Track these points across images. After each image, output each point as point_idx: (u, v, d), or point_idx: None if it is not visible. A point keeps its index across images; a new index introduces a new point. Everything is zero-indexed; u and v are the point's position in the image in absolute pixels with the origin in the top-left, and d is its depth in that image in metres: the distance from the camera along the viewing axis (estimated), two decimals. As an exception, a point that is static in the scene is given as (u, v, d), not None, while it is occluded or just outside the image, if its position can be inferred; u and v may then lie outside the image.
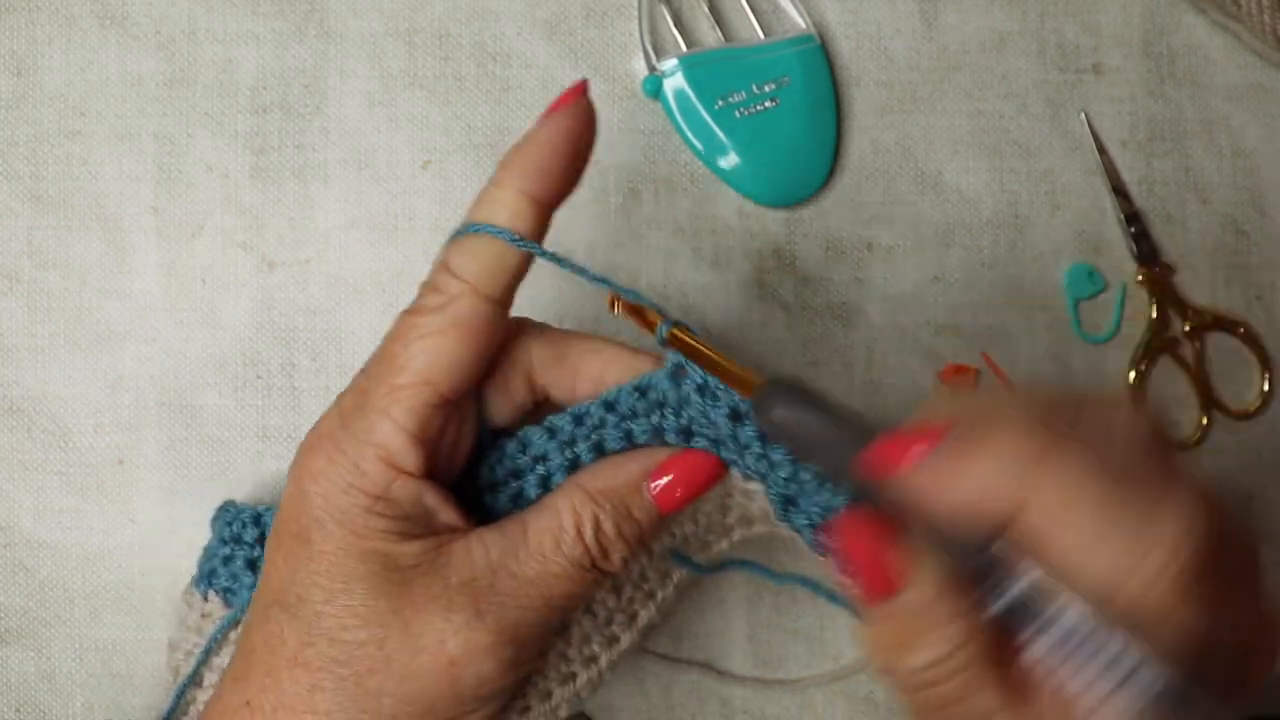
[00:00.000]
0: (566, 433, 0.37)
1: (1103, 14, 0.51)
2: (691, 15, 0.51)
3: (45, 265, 0.50)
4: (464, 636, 0.33)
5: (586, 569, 0.35)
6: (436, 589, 0.34)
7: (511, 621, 0.34)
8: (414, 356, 0.34)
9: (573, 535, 0.35)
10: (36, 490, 0.49)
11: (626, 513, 0.36)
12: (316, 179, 0.50)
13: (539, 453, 0.37)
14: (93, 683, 0.49)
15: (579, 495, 0.36)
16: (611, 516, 0.36)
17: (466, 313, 0.34)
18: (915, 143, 0.51)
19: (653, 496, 0.36)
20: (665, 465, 0.36)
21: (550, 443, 0.37)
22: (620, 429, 0.37)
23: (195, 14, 0.51)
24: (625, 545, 0.36)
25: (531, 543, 0.35)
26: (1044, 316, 0.50)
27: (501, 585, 0.34)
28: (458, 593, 0.34)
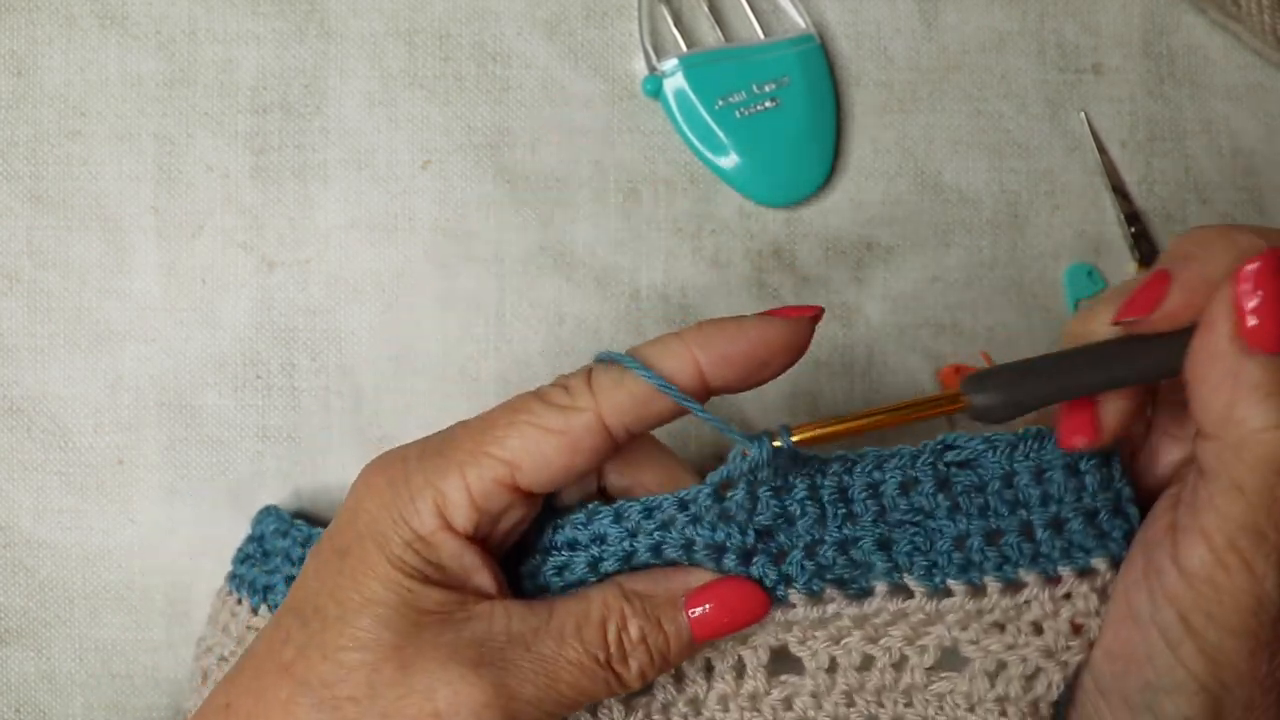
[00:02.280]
0: (633, 522, 0.36)
1: (1103, 14, 0.51)
2: (691, 15, 0.51)
3: (45, 265, 0.50)
4: (455, 689, 0.32)
5: (600, 665, 0.34)
6: (446, 639, 0.33)
7: (509, 689, 0.33)
8: (512, 436, 0.34)
9: (596, 625, 0.35)
10: (36, 490, 0.49)
11: (656, 622, 0.35)
12: (316, 179, 0.50)
13: (599, 533, 0.36)
14: (93, 683, 0.49)
15: (613, 590, 0.35)
16: (639, 619, 0.35)
17: (580, 430, 0.34)
18: (915, 143, 0.51)
19: (689, 618, 0.35)
20: (709, 588, 0.36)
21: (613, 527, 0.36)
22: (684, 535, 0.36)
23: (195, 14, 0.51)
24: (646, 655, 0.35)
25: (554, 622, 0.34)
26: (1044, 316, 0.50)
27: (511, 654, 0.33)
28: (465, 647, 0.33)
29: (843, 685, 0.37)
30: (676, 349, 0.35)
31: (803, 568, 0.36)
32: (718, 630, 0.36)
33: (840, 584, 0.36)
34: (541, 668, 0.34)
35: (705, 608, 0.35)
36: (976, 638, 0.36)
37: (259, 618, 0.43)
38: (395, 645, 0.33)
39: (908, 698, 0.36)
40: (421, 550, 0.34)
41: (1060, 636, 0.35)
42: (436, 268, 0.50)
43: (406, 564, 0.33)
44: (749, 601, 0.36)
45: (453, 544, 0.34)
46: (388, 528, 0.34)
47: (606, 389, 0.34)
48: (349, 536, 0.34)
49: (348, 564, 0.34)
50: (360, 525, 0.34)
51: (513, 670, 0.33)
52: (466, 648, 0.33)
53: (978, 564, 0.35)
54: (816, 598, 0.36)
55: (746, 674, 0.37)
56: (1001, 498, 0.36)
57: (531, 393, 0.35)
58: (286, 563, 0.43)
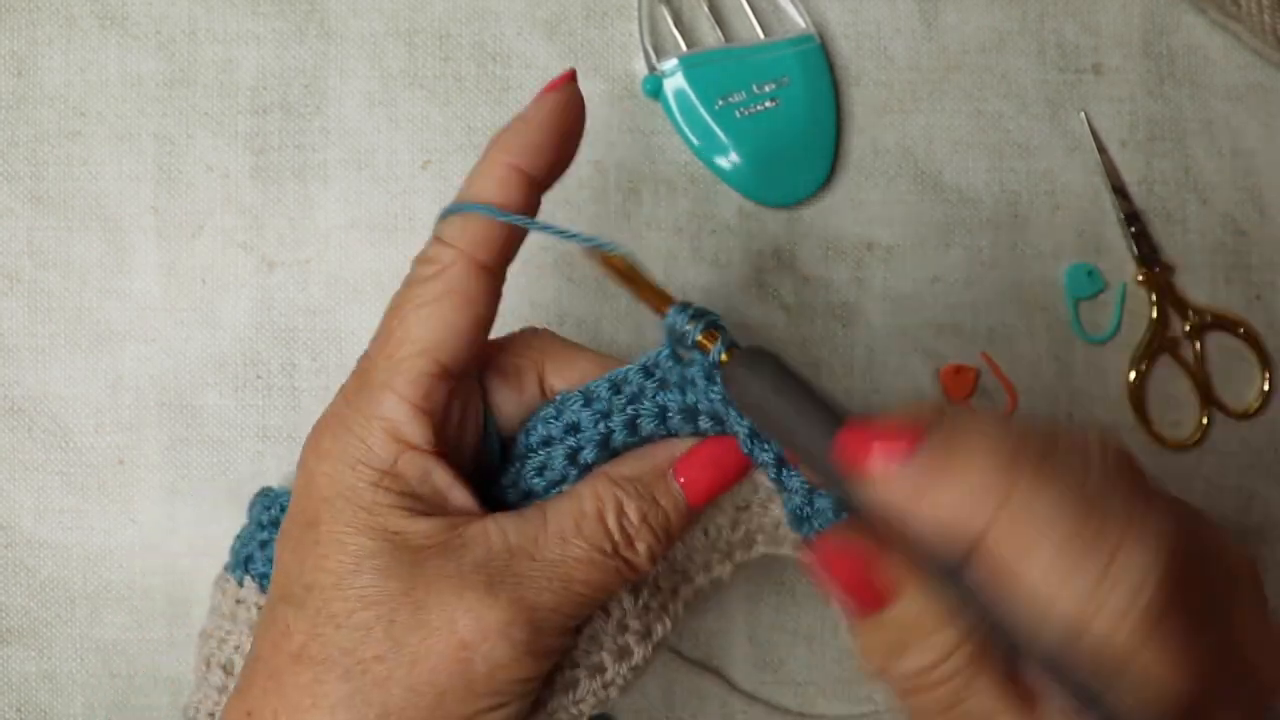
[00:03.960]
0: (604, 401, 0.36)
1: (1103, 14, 0.51)
2: (691, 15, 0.51)
3: (45, 265, 0.50)
4: (475, 614, 0.32)
5: (608, 554, 0.34)
6: (450, 569, 0.33)
7: (528, 602, 0.33)
8: (411, 328, 0.34)
9: (594, 517, 0.34)
10: (37, 490, 0.49)
11: (651, 499, 0.35)
12: (316, 179, 0.50)
13: (572, 421, 0.36)
14: (93, 683, 0.49)
15: (601, 480, 0.35)
16: (635, 501, 0.35)
17: (460, 279, 0.34)
18: (915, 143, 0.51)
19: (680, 485, 0.36)
20: (694, 453, 0.36)
21: (585, 410, 0.36)
22: (656, 402, 0.36)
23: (195, 14, 0.51)
24: (651, 534, 0.35)
25: (551, 526, 0.34)
26: (1044, 316, 0.50)
27: (518, 567, 0.33)
28: (471, 572, 0.33)
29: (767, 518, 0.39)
30: (488, 169, 0.36)
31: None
32: (713, 490, 0.36)
33: None
34: (553, 572, 0.33)
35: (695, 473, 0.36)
36: None
37: (244, 589, 0.43)
38: (403, 590, 0.32)
39: None
40: (391, 485, 0.33)
41: None
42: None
43: (382, 505, 0.33)
44: (733, 456, 0.36)
45: (417, 462, 0.34)
46: (349, 478, 0.33)
47: (457, 234, 0.35)
48: (313, 505, 0.34)
49: (322, 531, 0.33)
50: (321, 490, 0.34)
51: (526, 583, 0.33)
52: (473, 572, 0.33)
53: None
54: None
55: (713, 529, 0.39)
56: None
57: (403, 284, 0.35)
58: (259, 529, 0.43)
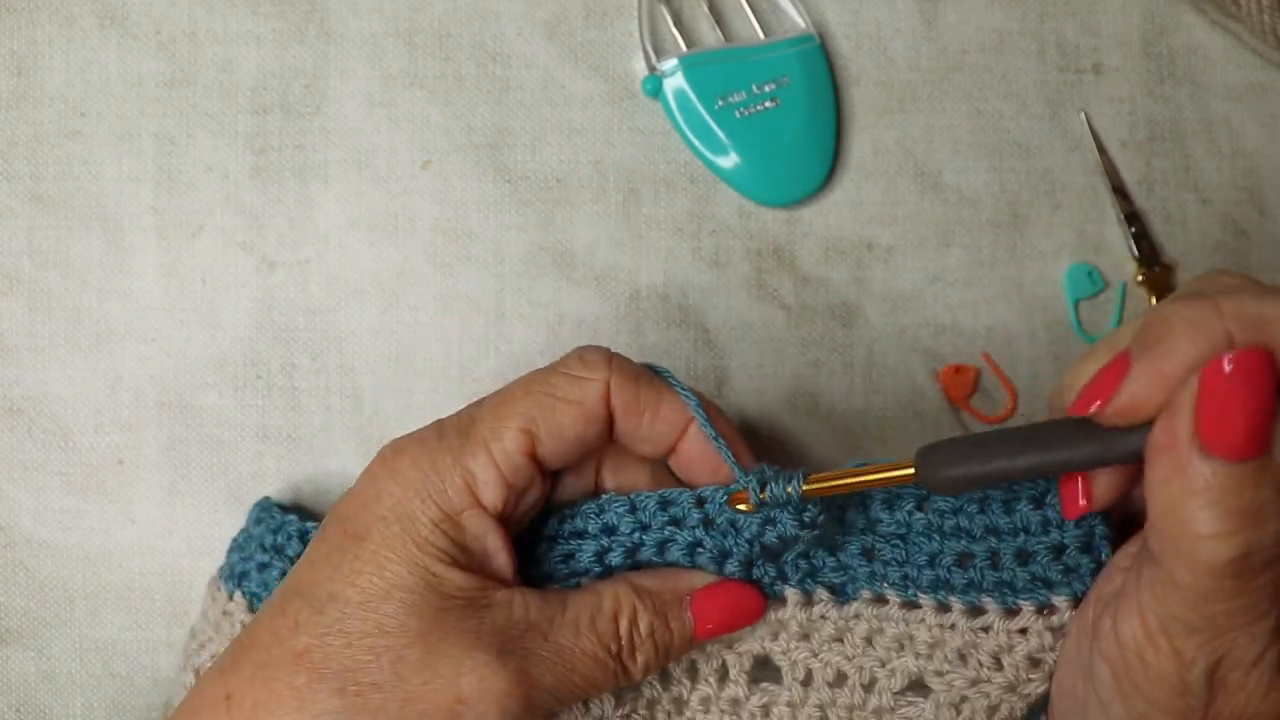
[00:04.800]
0: (648, 513, 0.37)
1: (1103, 14, 0.51)
2: (691, 15, 0.51)
3: (45, 265, 0.50)
4: (480, 676, 0.33)
5: (611, 657, 0.35)
6: (470, 624, 0.33)
7: (531, 679, 0.34)
8: (532, 408, 0.35)
9: (609, 617, 0.36)
10: (36, 490, 0.49)
11: (664, 618, 0.36)
12: (316, 179, 0.50)
13: (610, 523, 0.37)
14: (93, 683, 0.49)
15: (624, 586, 0.36)
16: (648, 615, 0.36)
17: (594, 400, 0.35)
18: (915, 143, 0.51)
19: (693, 616, 0.37)
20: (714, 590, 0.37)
21: (627, 517, 0.37)
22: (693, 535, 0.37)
23: (195, 14, 0.51)
24: (654, 650, 0.36)
25: (569, 613, 0.35)
26: (1044, 316, 0.50)
27: (530, 643, 0.34)
28: (488, 634, 0.33)
29: (816, 699, 0.38)
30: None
31: (796, 566, 0.38)
32: (719, 630, 0.37)
33: (830, 588, 0.38)
34: (559, 657, 0.34)
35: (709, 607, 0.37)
36: (941, 669, 0.37)
37: (233, 603, 0.43)
38: (420, 631, 0.33)
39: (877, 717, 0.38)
40: (449, 531, 0.34)
41: (1019, 670, 0.36)
42: (436, 268, 0.50)
43: (433, 546, 0.34)
44: (749, 605, 0.37)
45: (480, 523, 0.34)
46: (416, 509, 0.34)
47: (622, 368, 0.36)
48: (367, 521, 0.34)
49: (367, 548, 0.34)
50: (382, 509, 0.34)
51: (533, 659, 0.34)
52: (490, 635, 0.33)
53: (945, 582, 0.37)
54: (808, 597, 0.38)
55: (729, 679, 0.39)
56: (975, 522, 0.37)
57: (546, 368, 0.36)
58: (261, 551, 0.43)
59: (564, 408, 0.35)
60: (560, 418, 0.35)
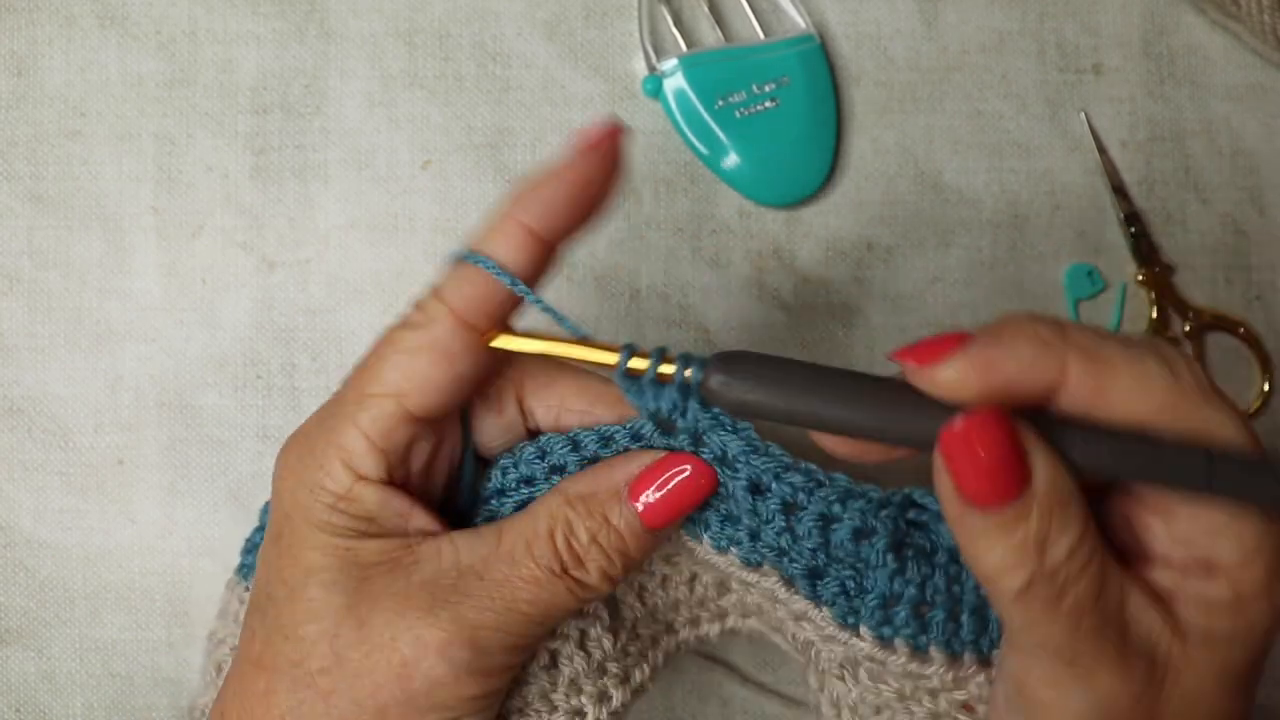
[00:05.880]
0: (590, 450, 0.36)
1: (1103, 14, 0.51)
2: (691, 15, 0.51)
3: (45, 265, 0.50)
4: (415, 633, 0.32)
5: (556, 574, 0.34)
6: (396, 587, 0.33)
7: (469, 621, 0.33)
8: (386, 370, 0.34)
9: (545, 537, 0.34)
10: (36, 490, 0.49)
11: (603, 519, 0.34)
12: (316, 179, 0.50)
13: (558, 462, 0.36)
14: (93, 683, 0.49)
15: (557, 499, 0.35)
16: (584, 520, 0.34)
17: (444, 337, 0.34)
18: (915, 143, 0.51)
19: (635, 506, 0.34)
20: (647, 471, 0.35)
21: (571, 455, 0.36)
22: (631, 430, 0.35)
23: (195, 14, 0.51)
24: (603, 554, 0.34)
25: (503, 546, 0.34)
26: (1044, 316, 0.50)
27: (465, 586, 0.33)
28: (417, 590, 0.33)
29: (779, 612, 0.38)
30: (502, 226, 0.34)
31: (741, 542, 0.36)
32: (668, 512, 0.35)
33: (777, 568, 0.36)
34: (499, 592, 0.33)
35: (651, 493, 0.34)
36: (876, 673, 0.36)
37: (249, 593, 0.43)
38: (347, 606, 0.33)
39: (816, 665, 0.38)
40: (345, 508, 0.34)
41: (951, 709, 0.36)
42: (436, 268, 0.50)
43: (334, 524, 0.34)
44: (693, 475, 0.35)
45: (373, 493, 0.34)
46: (306, 498, 0.34)
47: (452, 290, 0.34)
48: (277, 519, 0.35)
49: (282, 545, 0.34)
50: (285, 505, 0.35)
51: (468, 602, 0.33)
52: (418, 590, 0.33)
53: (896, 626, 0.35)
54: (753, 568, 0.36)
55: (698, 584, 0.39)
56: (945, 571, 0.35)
57: (392, 325, 0.35)
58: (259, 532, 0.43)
59: (417, 357, 0.34)
60: (419, 369, 0.34)
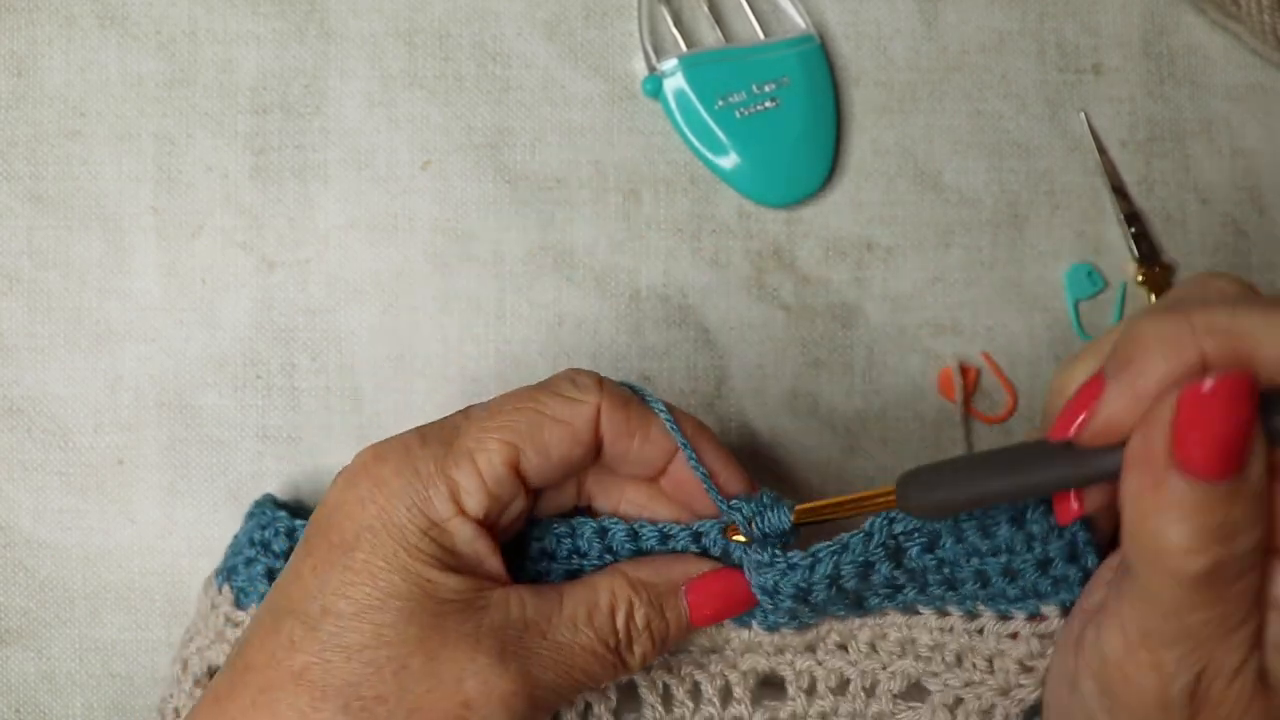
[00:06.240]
0: (648, 544, 0.38)
1: (1103, 14, 0.51)
2: (691, 15, 0.51)
3: (45, 265, 0.50)
4: (484, 679, 0.33)
5: (609, 651, 0.36)
6: (468, 628, 0.33)
7: (533, 678, 0.34)
8: (521, 423, 0.35)
9: (606, 612, 0.36)
10: (36, 490, 0.49)
11: (659, 609, 0.37)
12: (316, 179, 0.50)
13: (615, 547, 0.38)
14: (93, 683, 0.49)
15: (620, 579, 0.36)
16: (644, 608, 0.36)
17: (583, 422, 0.35)
18: (915, 143, 0.51)
19: (688, 605, 0.37)
20: (708, 578, 0.37)
21: (628, 543, 0.38)
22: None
23: (195, 14, 0.51)
24: (650, 642, 0.36)
25: (566, 610, 0.35)
26: (1044, 316, 0.50)
27: (529, 642, 0.34)
28: (487, 636, 0.33)
29: (818, 708, 0.39)
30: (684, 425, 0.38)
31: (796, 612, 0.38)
32: (714, 617, 0.38)
33: None
34: (559, 655, 0.35)
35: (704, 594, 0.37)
36: (938, 671, 0.38)
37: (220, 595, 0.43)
38: (420, 638, 0.33)
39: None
40: (438, 537, 0.34)
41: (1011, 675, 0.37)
42: (436, 268, 0.50)
43: (423, 553, 0.34)
44: (743, 590, 0.38)
45: (467, 530, 0.35)
46: (403, 518, 0.34)
47: (613, 392, 0.36)
48: (353, 530, 0.34)
49: (357, 558, 0.33)
50: (368, 517, 0.34)
51: (534, 659, 0.34)
52: (489, 637, 0.33)
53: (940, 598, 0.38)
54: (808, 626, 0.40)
55: (732, 699, 0.40)
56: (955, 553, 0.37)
57: (538, 385, 0.36)
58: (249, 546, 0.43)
59: (553, 426, 0.35)
60: (548, 436, 0.35)
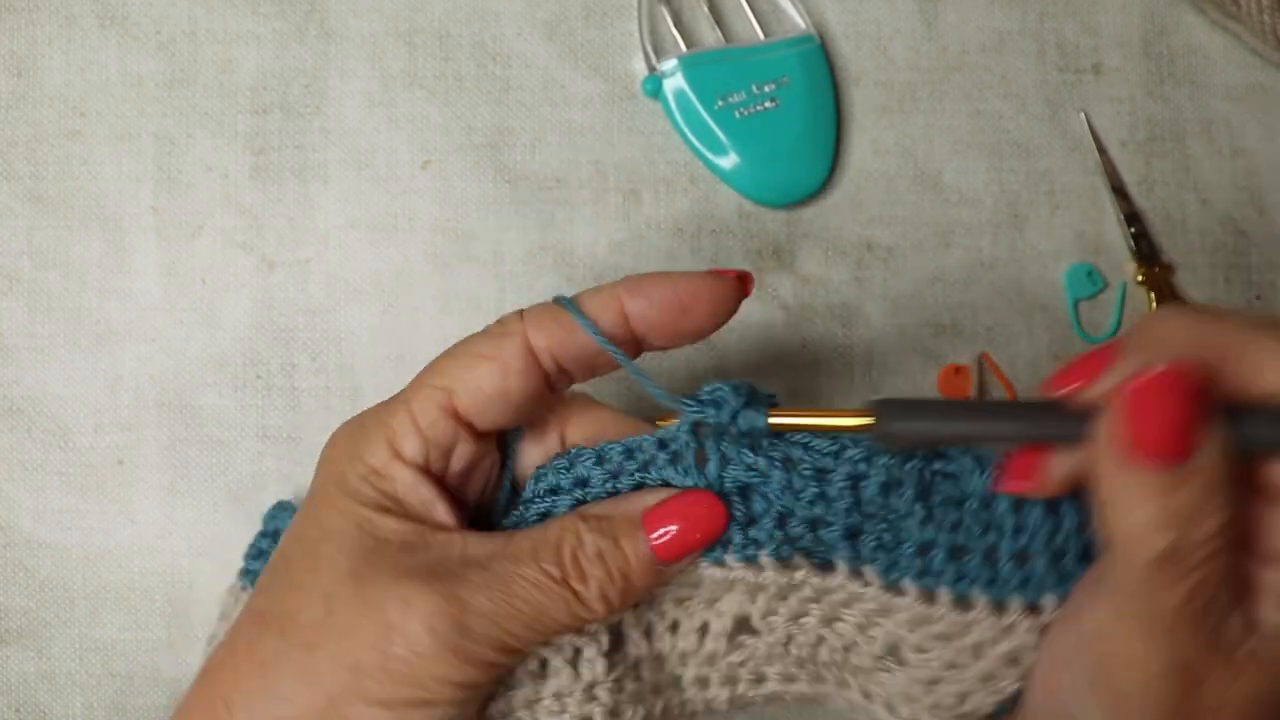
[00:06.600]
0: (614, 463, 0.37)
1: (1103, 14, 0.51)
2: (691, 15, 0.51)
3: (45, 265, 0.50)
4: (405, 599, 0.33)
5: (556, 582, 0.34)
6: (401, 561, 0.34)
7: (460, 599, 0.33)
8: (449, 366, 0.36)
9: (552, 545, 0.35)
10: (36, 490, 0.49)
11: (613, 540, 0.35)
12: (316, 179, 0.50)
13: (582, 476, 0.37)
14: (93, 683, 0.49)
15: (571, 517, 0.36)
16: (594, 536, 0.35)
17: (508, 354, 0.36)
18: (915, 143, 0.51)
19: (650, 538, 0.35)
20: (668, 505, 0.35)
21: (596, 469, 0.37)
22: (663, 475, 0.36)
23: (195, 14, 0.51)
24: (604, 572, 0.35)
25: (510, 547, 0.35)
26: (1044, 316, 0.50)
27: (465, 572, 0.34)
28: (418, 566, 0.34)
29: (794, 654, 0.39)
30: (604, 293, 0.36)
31: (772, 535, 0.36)
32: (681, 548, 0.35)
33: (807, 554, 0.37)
34: (495, 580, 0.34)
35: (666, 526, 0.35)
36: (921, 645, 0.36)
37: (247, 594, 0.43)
38: (350, 569, 0.34)
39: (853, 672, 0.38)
40: (376, 482, 0.35)
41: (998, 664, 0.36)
42: (436, 268, 0.50)
43: (362, 495, 0.35)
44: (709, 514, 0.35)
45: (406, 474, 0.35)
46: (344, 466, 0.36)
47: (534, 317, 0.36)
48: (314, 486, 0.37)
49: (310, 507, 0.36)
50: (323, 473, 0.36)
51: (464, 583, 0.34)
52: (420, 567, 0.34)
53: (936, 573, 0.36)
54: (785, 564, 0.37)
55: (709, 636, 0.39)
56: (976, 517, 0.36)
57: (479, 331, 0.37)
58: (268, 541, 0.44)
59: (480, 363, 0.36)
60: (477, 373, 0.36)
